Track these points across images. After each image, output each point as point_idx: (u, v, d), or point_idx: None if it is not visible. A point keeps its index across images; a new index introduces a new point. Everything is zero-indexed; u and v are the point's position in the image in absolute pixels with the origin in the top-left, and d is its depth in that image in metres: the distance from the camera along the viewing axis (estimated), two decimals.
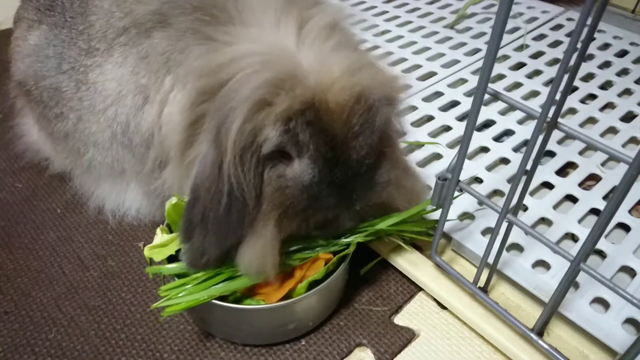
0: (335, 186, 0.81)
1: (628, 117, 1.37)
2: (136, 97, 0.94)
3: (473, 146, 1.26)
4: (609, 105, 1.42)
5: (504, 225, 0.83)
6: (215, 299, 0.87)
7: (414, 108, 1.38)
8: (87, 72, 1.00)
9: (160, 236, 0.94)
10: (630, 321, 0.91)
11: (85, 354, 0.95)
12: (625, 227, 1.07)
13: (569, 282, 0.76)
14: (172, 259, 0.94)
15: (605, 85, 1.49)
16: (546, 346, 0.83)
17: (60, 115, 1.06)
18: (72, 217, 1.22)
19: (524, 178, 0.78)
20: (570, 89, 0.68)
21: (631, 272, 0.98)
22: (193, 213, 0.82)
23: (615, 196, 0.62)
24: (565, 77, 0.65)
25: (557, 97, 0.66)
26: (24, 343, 0.97)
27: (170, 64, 0.90)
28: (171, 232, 0.96)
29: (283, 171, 0.80)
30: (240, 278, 0.89)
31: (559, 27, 1.75)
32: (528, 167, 0.76)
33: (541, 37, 1.70)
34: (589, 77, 1.52)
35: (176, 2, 0.91)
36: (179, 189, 0.92)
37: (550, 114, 0.69)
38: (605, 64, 1.57)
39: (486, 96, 0.74)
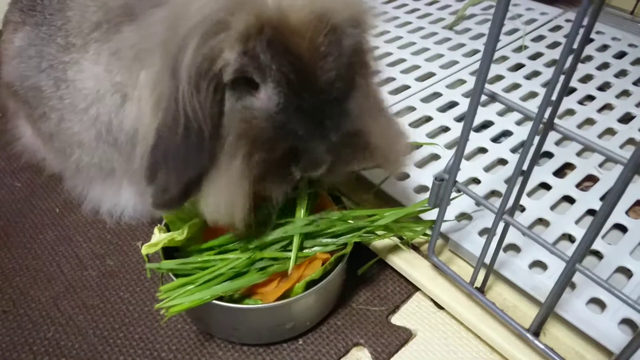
0: (305, 113, 0.76)
1: (626, 119, 1.37)
2: (114, 95, 0.93)
3: (471, 147, 1.27)
4: (607, 107, 1.42)
5: (501, 225, 0.84)
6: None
7: (412, 109, 1.38)
8: (65, 69, 0.99)
9: (157, 235, 0.94)
10: (626, 321, 0.91)
11: (84, 353, 0.95)
12: (622, 228, 1.07)
13: (565, 283, 0.77)
14: (170, 257, 0.95)
15: (604, 87, 1.49)
16: (542, 346, 0.84)
17: (44, 116, 1.05)
18: (71, 216, 1.22)
19: (520, 179, 0.79)
20: (567, 90, 0.68)
21: (627, 272, 0.98)
22: (157, 154, 0.79)
23: (610, 197, 0.62)
24: (562, 78, 0.65)
25: (554, 98, 0.67)
26: (22, 342, 0.97)
27: (141, 56, 0.87)
28: (169, 231, 0.96)
29: (250, 103, 0.76)
30: (242, 277, 0.89)
31: (557, 28, 1.75)
32: (525, 168, 0.76)
33: (540, 38, 1.70)
34: (587, 79, 1.52)
35: None
36: None
37: (547, 115, 0.70)
38: (604, 65, 1.57)
39: (484, 97, 0.75)
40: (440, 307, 1.02)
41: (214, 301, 0.87)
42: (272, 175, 0.80)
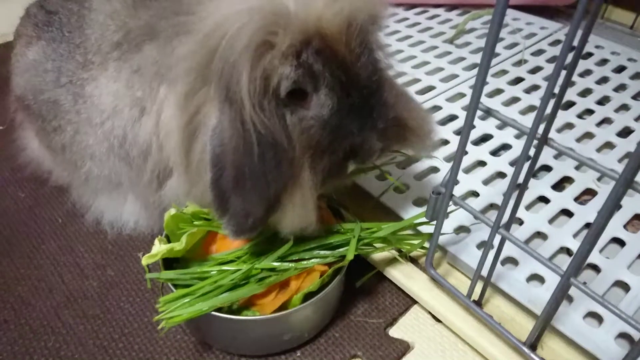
0: (355, 110, 0.82)
1: (625, 133, 1.38)
2: (132, 110, 0.95)
3: (470, 160, 1.28)
4: (606, 121, 1.43)
5: (498, 239, 0.84)
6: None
7: None
8: (84, 85, 1.02)
9: (157, 246, 0.95)
10: (623, 335, 0.91)
11: None
12: (620, 242, 1.08)
13: (560, 297, 0.77)
14: (170, 268, 0.96)
15: (603, 101, 1.50)
16: None
17: (58, 128, 1.08)
18: (73, 226, 1.23)
19: (517, 193, 0.80)
20: (561, 105, 0.69)
21: (625, 286, 0.99)
22: (222, 184, 0.80)
23: (602, 212, 0.63)
24: (556, 93, 0.66)
25: (548, 112, 0.68)
26: (23, 351, 0.98)
27: (162, 72, 0.90)
28: (169, 242, 0.97)
29: (303, 114, 0.81)
30: (241, 288, 0.90)
31: (557, 42, 1.76)
32: (520, 182, 0.77)
33: (539, 52, 1.71)
34: (586, 92, 1.53)
35: (161, 13, 0.92)
36: (186, 196, 0.93)
37: (541, 131, 0.71)
38: (603, 80, 1.58)
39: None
40: (438, 320, 1.03)
41: (213, 312, 0.88)
42: (334, 175, 0.86)
